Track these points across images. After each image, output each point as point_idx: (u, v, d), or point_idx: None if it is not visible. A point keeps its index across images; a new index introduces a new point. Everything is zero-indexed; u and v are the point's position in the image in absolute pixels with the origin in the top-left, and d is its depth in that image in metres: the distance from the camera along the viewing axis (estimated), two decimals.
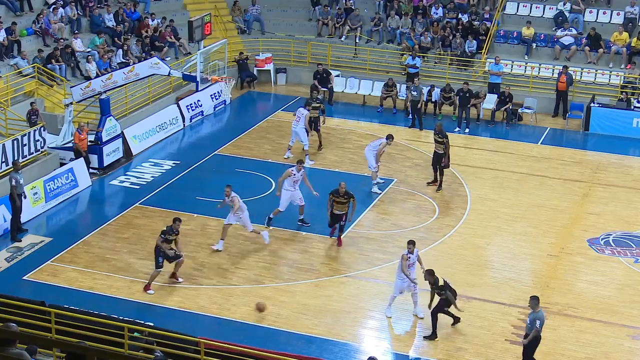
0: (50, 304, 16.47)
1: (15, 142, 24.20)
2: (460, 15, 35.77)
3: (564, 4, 35.44)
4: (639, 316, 19.62)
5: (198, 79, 28.83)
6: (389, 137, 25.45)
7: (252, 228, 21.99)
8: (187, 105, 31.17)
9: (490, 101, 31.95)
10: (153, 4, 36.01)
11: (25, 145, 24.54)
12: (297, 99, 33.09)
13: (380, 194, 25.29)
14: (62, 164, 25.41)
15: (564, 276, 21.28)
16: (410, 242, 19.07)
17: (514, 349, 17.73)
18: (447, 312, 18.62)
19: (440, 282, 18.46)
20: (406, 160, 28.03)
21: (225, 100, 32.65)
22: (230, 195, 21.59)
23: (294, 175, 22.82)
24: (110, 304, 19.28)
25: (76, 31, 32.02)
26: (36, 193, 23.62)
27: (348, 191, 21.77)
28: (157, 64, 26.22)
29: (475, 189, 25.85)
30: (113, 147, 26.92)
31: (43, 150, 25.26)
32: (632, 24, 34.29)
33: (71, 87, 27.17)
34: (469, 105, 31.14)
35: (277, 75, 35.65)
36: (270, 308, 19.28)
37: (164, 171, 26.91)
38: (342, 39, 36.41)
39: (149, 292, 19.85)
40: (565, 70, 31.96)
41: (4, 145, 23.82)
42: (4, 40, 29.13)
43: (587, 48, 33.79)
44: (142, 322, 17.07)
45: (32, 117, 26.22)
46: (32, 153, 24.82)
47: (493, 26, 35.07)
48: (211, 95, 32.24)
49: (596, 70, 33.15)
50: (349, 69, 34.90)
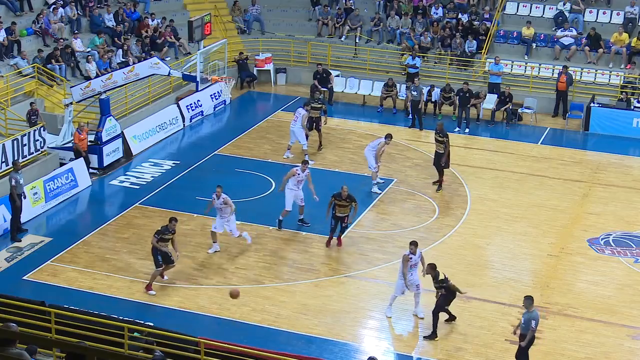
0: (50, 304, 16.46)
1: (15, 142, 24.20)
2: (460, 15, 35.77)
3: (564, 4, 35.43)
4: (639, 316, 19.62)
5: (198, 79, 28.84)
6: (388, 136, 25.46)
7: (238, 233, 21.79)
8: (187, 105, 31.16)
9: (490, 101, 31.94)
10: (153, 4, 36.00)
11: (25, 145, 24.53)
12: (297, 99, 33.07)
13: (380, 194, 25.28)
14: (62, 164, 25.40)
15: (564, 276, 21.27)
16: (412, 243, 19.01)
17: (514, 349, 17.67)
18: (445, 310, 18.65)
19: (441, 276, 18.47)
20: (406, 160, 28.02)
21: (225, 100, 32.64)
22: (221, 196, 21.36)
23: (298, 175, 22.72)
24: (110, 304, 19.27)
25: (76, 31, 32.02)
26: (36, 193, 23.61)
27: (350, 194, 21.64)
28: (157, 64, 26.21)
29: (475, 189, 25.85)
30: (113, 147, 26.91)
31: (43, 150, 25.25)
32: (632, 24, 34.27)
33: (71, 87, 27.16)
34: (468, 105, 31.13)
35: (277, 75, 35.64)
36: (271, 308, 19.30)
37: (164, 171, 26.90)
38: (342, 39, 36.40)
39: (150, 292, 19.82)
40: (565, 70, 31.96)
41: (4, 145, 23.82)
42: (4, 40, 29.12)
43: (587, 48, 33.79)
44: (142, 322, 17.07)
45: (32, 117, 26.22)
46: (32, 153, 24.82)
47: (493, 26, 35.06)
48: (211, 95, 32.23)
49: (596, 70, 33.15)
50: (349, 69, 34.88)
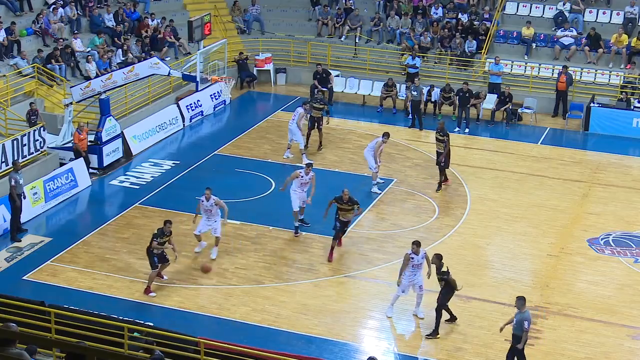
0: (50, 304, 16.45)
1: (15, 142, 24.19)
2: (460, 15, 35.77)
3: (564, 4, 35.43)
4: (639, 316, 19.61)
5: (198, 79, 28.84)
6: (385, 135, 25.41)
7: (220, 233, 21.27)
8: (187, 105, 31.16)
9: (490, 101, 31.94)
10: (153, 4, 36.00)
11: (25, 145, 24.52)
12: (296, 99, 33.06)
13: (380, 194, 25.27)
14: (61, 164, 25.40)
15: (563, 276, 21.27)
16: (415, 243, 18.93)
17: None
18: (446, 309, 18.65)
19: (444, 268, 18.47)
20: (406, 160, 28.02)
21: (225, 100, 32.64)
22: (210, 198, 21.01)
23: (301, 177, 22.50)
24: (110, 304, 19.26)
25: (76, 31, 32.02)
26: (36, 193, 23.61)
27: (352, 197, 21.33)
28: (157, 64, 26.20)
29: (475, 189, 25.85)
30: (113, 147, 26.91)
31: (43, 150, 25.25)
32: (632, 24, 34.26)
33: (71, 87, 27.16)
34: (468, 105, 31.13)
35: (276, 75, 35.64)
36: (271, 308, 19.31)
37: (164, 171, 26.90)
38: (342, 39, 36.40)
39: (151, 294, 19.77)
40: (565, 70, 31.95)
41: (3, 145, 23.81)
42: (3, 40, 29.11)
43: (586, 48, 33.79)
44: (142, 322, 17.07)
45: (32, 117, 26.21)
46: (32, 153, 24.81)
47: (493, 26, 35.05)
48: (211, 95, 32.23)
49: (596, 70, 33.15)
50: (349, 69, 34.88)
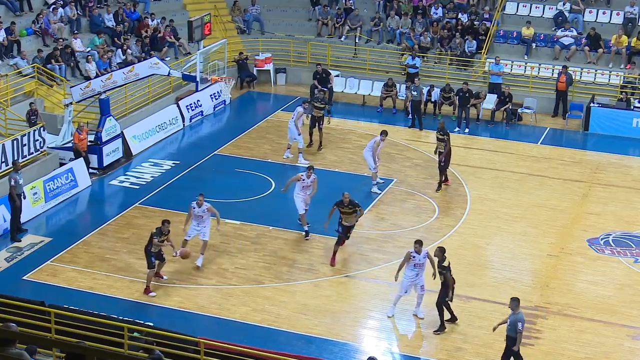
0: (49, 304, 16.44)
1: (15, 142, 24.19)
2: (460, 15, 35.77)
3: (564, 4, 35.43)
4: (639, 316, 19.61)
5: (198, 79, 28.83)
6: (383, 133, 25.37)
7: (209, 237, 20.98)
8: (187, 105, 31.16)
9: (490, 101, 31.93)
10: (153, 4, 36.00)
11: (25, 145, 24.52)
12: (296, 99, 33.04)
13: (380, 194, 25.27)
14: (61, 164, 25.40)
15: (563, 276, 21.27)
16: (417, 242, 18.92)
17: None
18: (447, 307, 18.64)
19: (446, 262, 18.45)
20: (406, 160, 28.02)
21: (225, 100, 32.64)
22: (203, 204, 20.75)
23: (303, 180, 22.38)
24: (110, 304, 19.26)
25: (76, 31, 32.02)
26: (36, 193, 23.61)
27: (352, 200, 21.19)
28: (157, 64, 26.20)
29: (475, 189, 25.84)
30: (113, 147, 26.91)
31: (43, 150, 25.25)
32: (632, 24, 34.26)
33: (71, 87, 27.16)
34: (468, 105, 31.13)
35: (276, 75, 35.64)
36: (271, 308, 19.31)
37: (164, 171, 26.89)
38: (342, 39, 36.40)
39: (151, 294, 19.76)
40: (565, 70, 31.95)
41: (3, 145, 23.81)
42: (3, 40, 29.10)
43: (586, 48, 33.79)
44: (142, 322, 17.06)
45: (32, 117, 26.21)
46: (32, 153, 24.81)
47: (493, 26, 35.05)
48: (211, 95, 32.23)
49: (596, 70, 33.15)
50: (349, 69, 34.88)
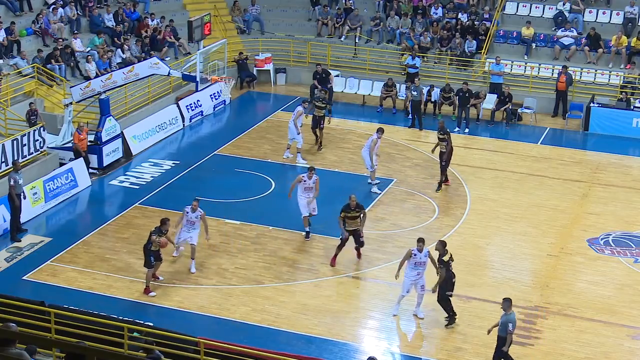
0: (49, 304, 16.44)
1: (15, 142, 24.18)
2: (460, 15, 35.77)
3: (564, 4, 35.43)
4: (639, 316, 19.61)
5: (198, 79, 28.83)
6: (379, 130, 25.29)
7: (197, 241, 20.78)
8: (187, 105, 31.15)
9: (490, 101, 31.93)
10: (153, 4, 35.99)
11: (25, 145, 24.52)
12: (296, 99, 33.02)
13: (380, 194, 25.27)
14: (61, 164, 25.39)
15: (563, 276, 21.27)
16: (419, 240, 18.92)
17: (513, 349, 17.68)
18: (447, 306, 18.65)
19: (446, 258, 18.43)
20: (406, 160, 28.01)
21: (224, 100, 32.63)
22: (197, 210, 20.56)
23: (304, 182, 22.28)
24: (110, 304, 19.25)
25: (76, 31, 32.01)
26: (36, 193, 23.60)
27: (359, 203, 21.08)
28: (157, 64, 26.20)
29: (475, 189, 25.84)
30: (113, 147, 26.90)
31: (43, 150, 25.24)
32: (632, 24, 34.26)
33: (71, 87, 27.15)
34: (468, 105, 31.13)
35: (276, 75, 35.64)
36: (271, 308, 19.30)
37: (164, 171, 26.89)
38: (342, 39, 36.40)
39: (151, 294, 19.75)
40: (564, 70, 31.95)
41: (3, 145, 23.80)
42: (3, 40, 29.10)
43: (586, 48, 33.79)
44: (142, 322, 17.06)
45: (31, 117, 26.21)
46: (32, 153, 24.80)
47: (493, 26, 35.05)
48: (211, 95, 32.22)
49: (596, 70, 33.14)
50: (349, 69, 34.87)
